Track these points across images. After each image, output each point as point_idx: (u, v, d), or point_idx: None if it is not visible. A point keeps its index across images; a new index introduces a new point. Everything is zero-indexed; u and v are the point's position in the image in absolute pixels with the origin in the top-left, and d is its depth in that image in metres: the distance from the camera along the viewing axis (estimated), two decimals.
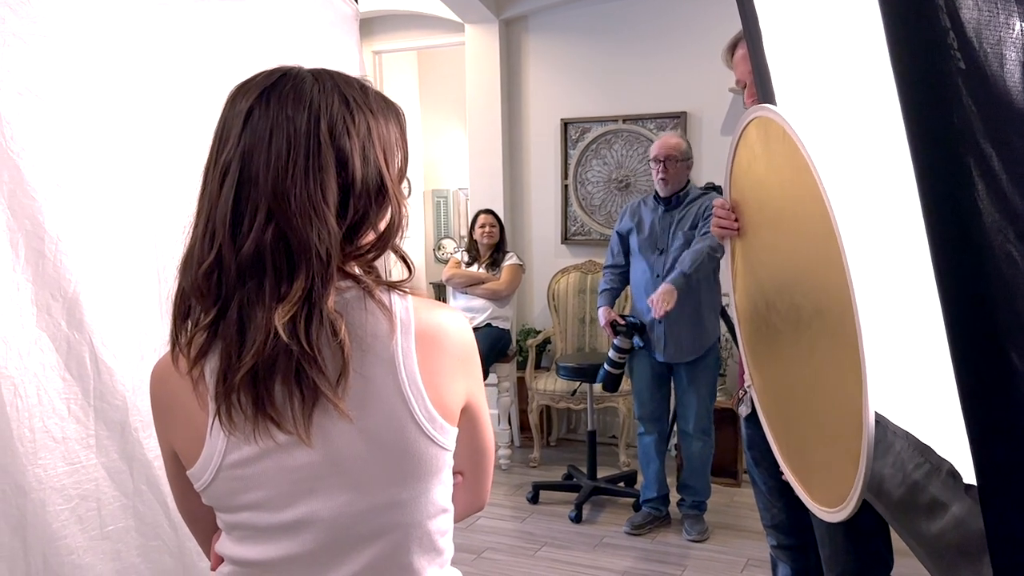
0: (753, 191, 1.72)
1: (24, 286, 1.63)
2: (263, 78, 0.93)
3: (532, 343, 4.71)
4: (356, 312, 0.91)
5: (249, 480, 0.92)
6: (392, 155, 0.95)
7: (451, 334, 0.98)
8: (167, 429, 0.99)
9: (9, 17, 1.60)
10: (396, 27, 5.43)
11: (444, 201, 7.02)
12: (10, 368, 1.59)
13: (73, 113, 1.69)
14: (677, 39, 4.51)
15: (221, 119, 0.93)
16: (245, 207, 0.88)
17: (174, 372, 0.93)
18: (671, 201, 3.53)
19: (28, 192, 1.63)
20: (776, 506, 2.10)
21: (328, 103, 0.91)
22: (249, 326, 0.87)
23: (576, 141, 4.86)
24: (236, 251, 0.87)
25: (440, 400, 0.94)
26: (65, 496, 1.67)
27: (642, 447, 3.78)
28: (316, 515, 0.93)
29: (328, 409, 0.89)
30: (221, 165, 0.90)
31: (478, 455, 1.09)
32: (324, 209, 0.88)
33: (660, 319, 3.36)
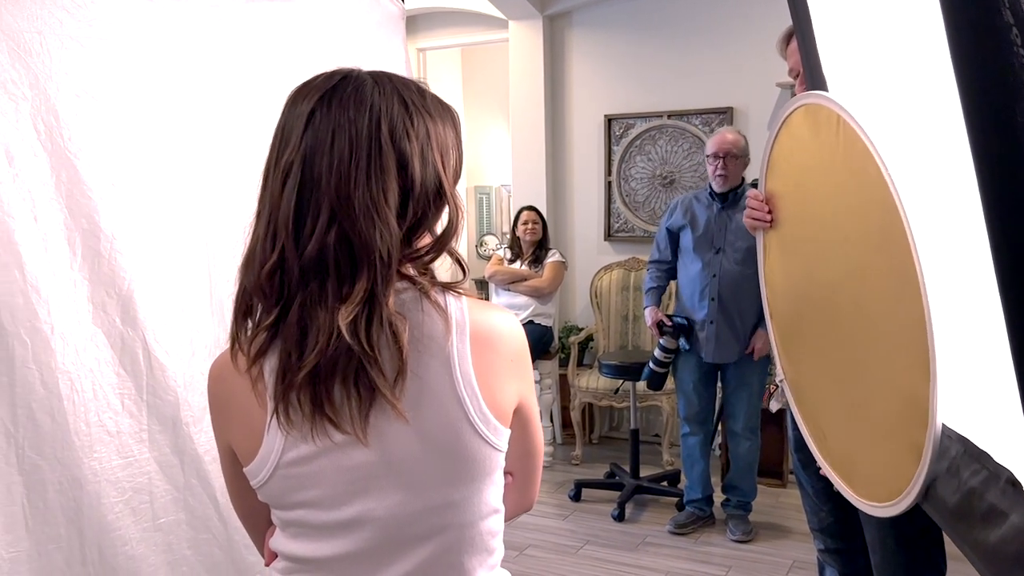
0: (795, 181, 1.69)
1: (81, 283, 1.67)
2: (323, 80, 0.93)
3: (574, 340, 4.70)
4: (413, 313, 0.92)
5: (305, 478, 0.93)
6: (448, 157, 0.96)
7: (504, 335, 0.98)
8: (224, 426, 1.00)
9: (67, 20, 1.64)
10: (440, 24, 5.45)
11: (487, 198, 7.03)
12: (67, 363, 1.64)
13: (128, 114, 1.73)
14: (723, 33, 4.46)
15: (281, 120, 0.94)
16: (308, 208, 0.89)
17: (233, 370, 0.95)
18: (727, 198, 3.45)
19: (85, 192, 1.67)
20: (824, 509, 2.06)
21: (388, 106, 0.91)
22: (311, 326, 0.88)
23: (620, 137, 4.83)
24: (299, 252, 0.88)
25: (494, 401, 0.95)
26: (119, 489, 1.71)
27: (686, 448, 3.73)
28: (370, 514, 0.93)
29: (384, 409, 0.90)
30: (283, 166, 0.90)
31: (528, 456, 1.09)
32: (386, 211, 0.89)
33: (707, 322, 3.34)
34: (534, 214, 4.63)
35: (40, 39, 1.61)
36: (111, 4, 1.69)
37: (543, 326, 4.53)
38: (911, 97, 1.26)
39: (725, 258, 3.42)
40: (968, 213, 1.04)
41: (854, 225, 1.38)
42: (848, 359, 1.46)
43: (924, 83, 1.13)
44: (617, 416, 5.02)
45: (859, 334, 1.39)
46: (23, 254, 1.58)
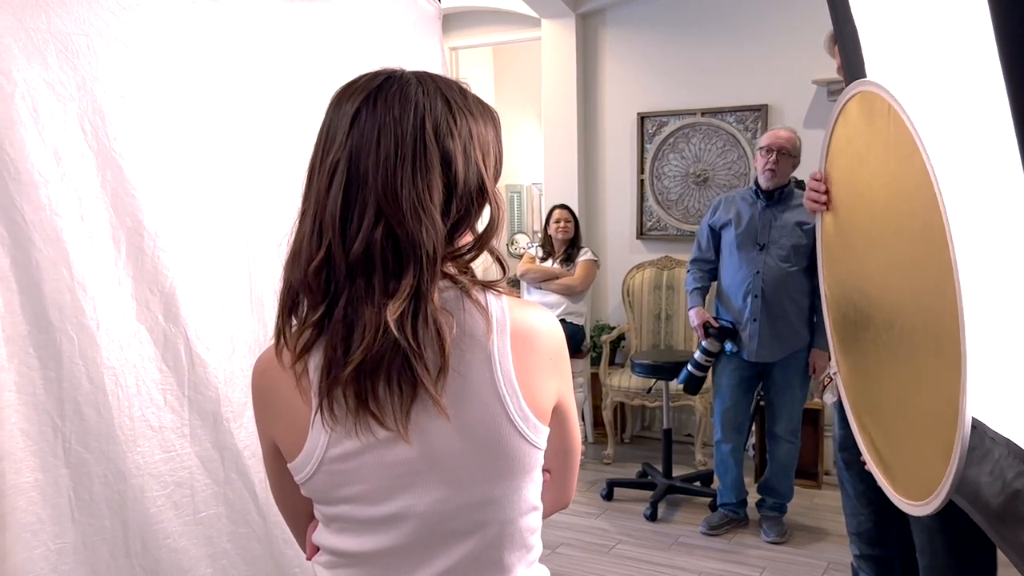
0: (852, 170, 1.67)
1: (125, 281, 1.70)
2: (368, 80, 0.94)
3: (606, 339, 4.69)
4: (455, 311, 0.92)
5: (349, 474, 0.94)
6: (489, 156, 0.97)
7: (544, 334, 0.98)
8: (268, 422, 1.02)
9: (113, 22, 1.67)
10: (472, 23, 5.46)
11: (518, 196, 7.04)
12: (112, 359, 1.67)
13: (172, 114, 1.76)
14: (758, 30, 4.42)
15: (326, 120, 0.95)
16: (354, 206, 0.89)
17: (278, 366, 0.96)
18: (773, 196, 3.40)
19: (129, 190, 1.70)
20: (863, 513, 2.04)
21: (432, 105, 0.92)
22: (357, 322, 0.89)
23: (653, 135, 4.81)
24: (345, 249, 0.89)
25: (533, 399, 0.95)
26: (161, 482, 1.75)
27: (720, 455, 3.68)
28: (412, 509, 0.94)
29: (426, 406, 0.91)
30: (328, 165, 0.91)
31: (566, 453, 1.10)
32: (431, 208, 0.90)
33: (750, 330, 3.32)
34: (566, 212, 4.63)
35: (87, 41, 1.64)
36: (156, 6, 1.72)
37: (575, 325, 4.52)
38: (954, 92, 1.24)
39: (769, 255, 3.37)
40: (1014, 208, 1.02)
41: (902, 217, 1.36)
42: (893, 355, 1.44)
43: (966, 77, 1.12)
44: (649, 415, 5.00)
45: (903, 330, 1.38)
46: (70, 252, 1.61)
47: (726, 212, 3.53)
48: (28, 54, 1.57)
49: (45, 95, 1.59)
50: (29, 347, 1.58)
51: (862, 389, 1.65)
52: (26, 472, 1.57)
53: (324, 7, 2.00)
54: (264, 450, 1.06)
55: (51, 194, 1.59)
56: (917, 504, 1.30)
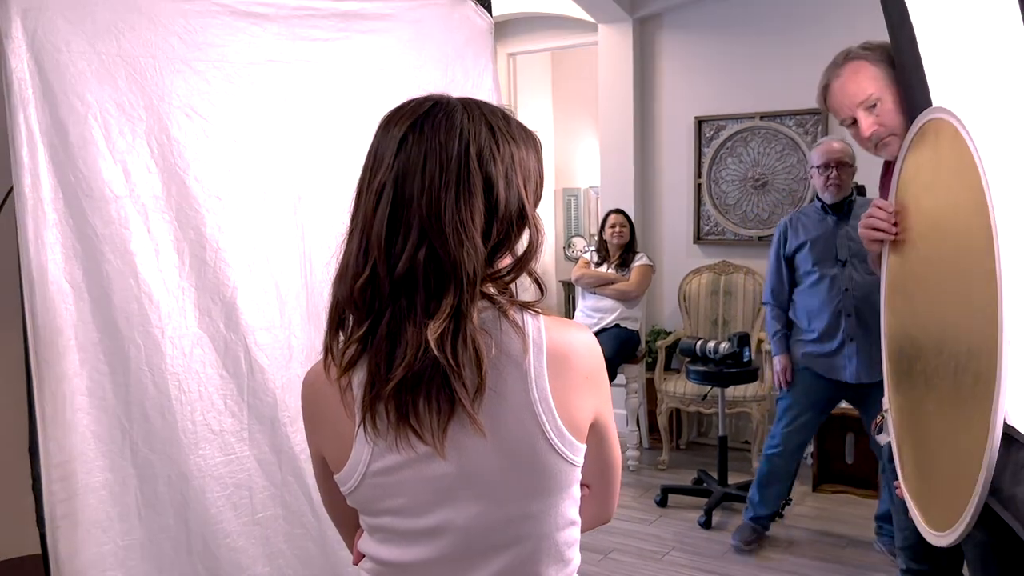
0: (918, 198, 1.64)
1: (188, 290, 1.79)
2: (415, 106, 0.98)
3: (662, 344, 4.67)
4: (492, 331, 0.95)
5: (391, 487, 0.98)
6: (530, 182, 1.00)
7: (581, 353, 1.01)
8: (316, 434, 1.06)
9: (178, 45, 1.76)
10: (529, 29, 5.50)
11: (574, 199, 7.05)
12: (175, 366, 1.76)
13: (233, 133, 1.84)
14: (816, 31, 4.35)
15: (374, 143, 0.99)
16: (399, 227, 0.93)
17: (325, 380, 1.00)
18: (842, 208, 3.29)
19: (193, 205, 1.78)
20: (909, 527, 2.02)
21: (476, 131, 0.96)
22: (400, 340, 0.92)
23: (711, 139, 4.77)
24: (390, 268, 0.93)
25: (570, 417, 0.98)
26: (222, 484, 1.83)
27: (769, 465, 3.52)
28: (452, 523, 0.98)
29: (463, 424, 0.94)
30: (376, 187, 0.95)
31: (606, 469, 1.12)
32: (473, 231, 0.93)
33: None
34: (621, 217, 4.63)
35: (154, 63, 1.73)
36: (219, 30, 1.80)
37: (629, 330, 4.52)
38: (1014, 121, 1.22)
39: (854, 270, 3.22)
40: None
41: (959, 244, 1.34)
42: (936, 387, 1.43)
43: None
44: (705, 422, 4.96)
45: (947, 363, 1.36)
46: (138, 264, 1.70)
47: (795, 235, 3.40)
48: (100, 77, 1.66)
49: (115, 115, 1.68)
50: (100, 354, 1.68)
51: (907, 422, 1.64)
52: (96, 472, 1.67)
53: (380, 27, 2.06)
54: (314, 461, 1.10)
55: (120, 209, 1.69)
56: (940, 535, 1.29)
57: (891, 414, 1.75)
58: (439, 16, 2.15)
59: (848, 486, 4.07)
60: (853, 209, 3.29)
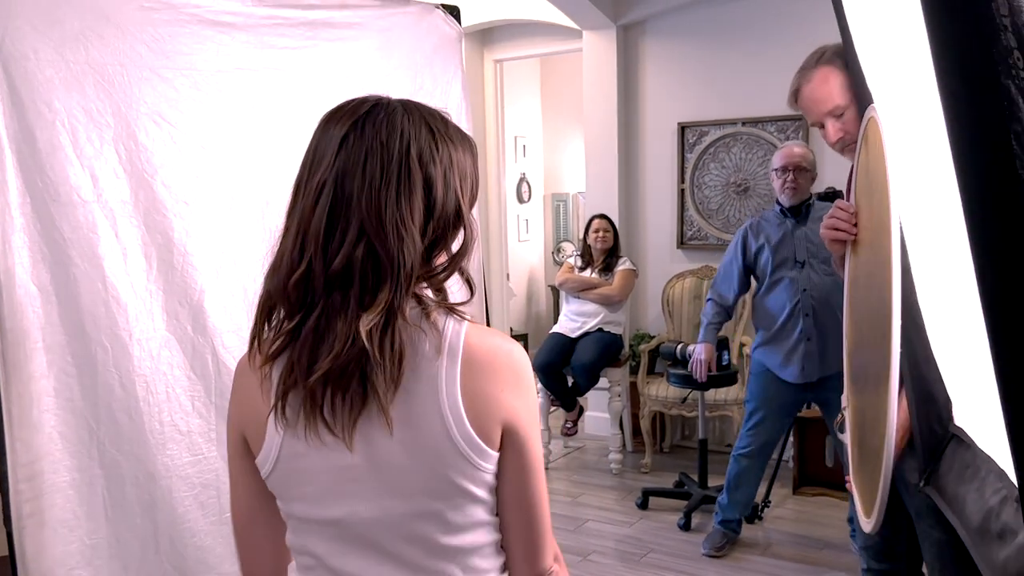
0: (860, 198, 1.69)
1: (156, 294, 1.82)
2: (355, 106, 1.01)
3: (645, 348, 4.70)
4: (413, 331, 0.98)
5: (299, 474, 1.02)
6: (466, 183, 1.03)
7: (500, 360, 1.02)
8: (241, 417, 1.08)
9: (146, 54, 1.80)
10: (516, 36, 5.54)
11: (563, 205, 7.09)
12: (143, 367, 1.79)
13: (200, 138, 1.87)
14: (797, 39, 4.37)
15: (313, 141, 1.02)
16: (337, 223, 0.96)
17: (249, 368, 1.03)
18: (800, 211, 3.37)
19: (160, 210, 1.82)
20: None
21: (417, 132, 0.99)
22: (327, 334, 0.95)
23: (693, 145, 4.82)
24: (326, 263, 0.95)
25: (480, 423, 0.99)
26: (189, 484, 1.86)
27: (737, 468, 3.56)
28: (356, 515, 1.01)
29: (372, 418, 0.97)
30: (315, 184, 0.97)
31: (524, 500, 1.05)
32: (412, 228, 0.96)
33: None
34: (605, 222, 4.66)
35: (122, 71, 1.77)
36: (187, 39, 1.84)
37: (612, 334, 4.55)
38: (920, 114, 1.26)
39: (812, 271, 3.31)
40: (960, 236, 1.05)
41: (881, 243, 1.39)
42: (869, 381, 1.47)
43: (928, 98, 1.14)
44: (688, 425, 4.99)
45: (873, 356, 1.41)
46: (105, 267, 1.74)
47: (756, 240, 3.47)
48: (68, 84, 1.70)
49: (83, 122, 1.72)
50: (67, 356, 1.71)
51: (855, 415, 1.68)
52: (63, 472, 1.70)
53: (349, 35, 2.10)
54: (229, 443, 1.10)
55: (88, 214, 1.72)
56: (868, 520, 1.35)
57: (848, 412, 1.79)
58: (408, 24, 2.19)
59: (828, 489, 4.10)
60: (811, 212, 3.36)
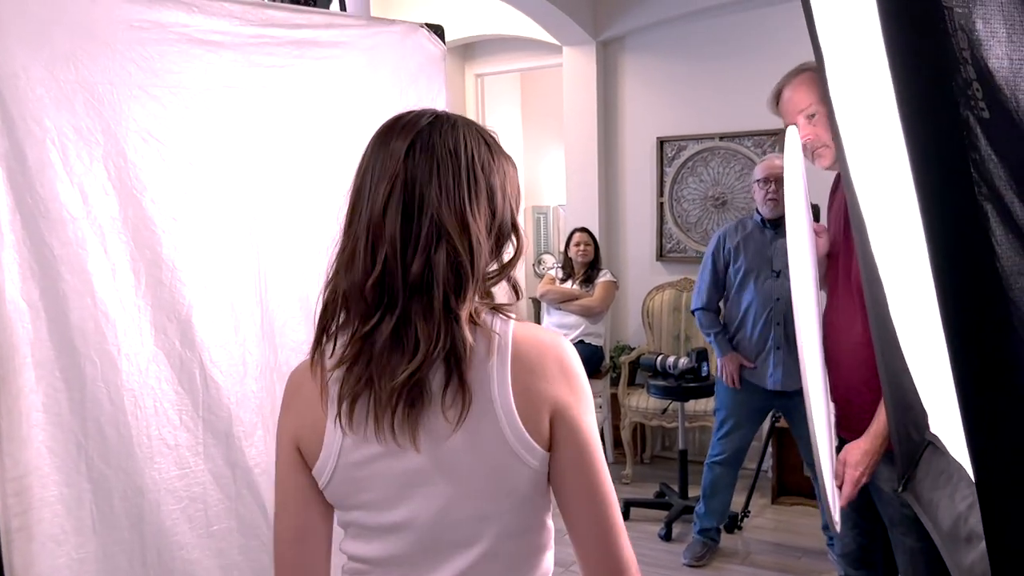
0: None
1: (144, 309, 1.84)
2: (415, 118, 1.04)
3: (625, 360, 4.75)
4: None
5: (362, 481, 1.03)
6: (515, 194, 1.07)
7: (547, 355, 1.03)
8: (295, 423, 1.07)
9: (135, 72, 1.82)
10: (497, 50, 5.60)
11: (544, 217, 7.15)
12: (131, 382, 1.81)
13: (189, 156, 1.90)
14: (774, 55, 4.46)
15: (370, 153, 1.03)
16: (412, 228, 0.98)
17: (309, 373, 1.04)
18: (779, 223, 3.41)
19: (149, 226, 1.84)
20: (848, 536, 2.10)
21: (478, 144, 1.03)
22: (405, 338, 0.97)
23: (672, 159, 4.89)
24: (404, 267, 0.97)
25: (531, 420, 1.01)
26: (176, 497, 1.87)
27: (712, 475, 3.61)
28: (416, 519, 1.02)
29: (434, 420, 0.99)
30: (383, 192, 0.99)
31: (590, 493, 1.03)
32: (484, 234, 1.00)
33: None
34: (586, 236, 4.72)
35: (112, 89, 1.79)
36: (176, 57, 1.86)
37: (593, 346, 4.60)
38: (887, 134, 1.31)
39: (787, 280, 3.35)
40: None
41: None
42: None
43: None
44: (669, 436, 5.04)
45: None
46: (94, 283, 1.75)
47: (732, 245, 3.52)
48: (58, 102, 1.72)
49: (73, 139, 1.73)
50: (56, 371, 1.72)
51: None
52: (52, 486, 1.71)
53: (335, 53, 2.13)
54: (282, 455, 1.09)
55: (77, 230, 1.74)
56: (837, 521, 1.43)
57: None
58: (392, 43, 2.23)
59: (805, 498, 4.16)
60: None
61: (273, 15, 2.01)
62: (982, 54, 0.90)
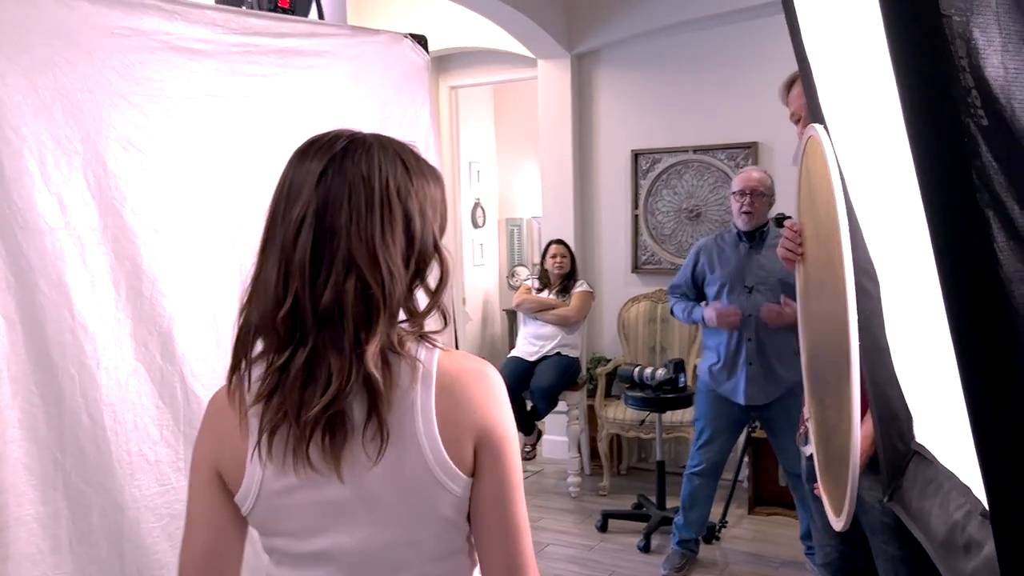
0: (807, 217, 1.76)
1: (124, 321, 1.80)
2: (331, 140, 1.01)
3: (602, 371, 4.76)
4: (390, 361, 0.99)
5: (285, 509, 1.01)
6: (437, 216, 1.05)
7: (472, 383, 1.03)
8: (217, 451, 1.06)
9: (116, 80, 1.79)
10: (472, 63, 5.61)
11: (517, 229, 7.15)
12: (111, 397, 1.76)
13: (170, 166, 1.86)
14: (748, 69, 4.53)
15: (288, 174, 1.01)
16: (323, 257, 0.96)
17: (226, 404, 1.03)
18: (755, 237, 3.42)
19: (129, 237, 1.80)
20: (830, 544, 2.10)
21: (394, 167, 1.00)
22: (318, 370, 0.95)
23: (647, 171, 4.92)
24: (315, 298, 0.95)
25: (455, 448, 1.00)
26: (157, 515, 1.82)
27: (690, 487, 3.60)
28: (340, 547, 1.01)
29: (356, 450, 0.98)
30: (295, 217, 0.97)
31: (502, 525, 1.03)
32: (399, 261, 0.98)
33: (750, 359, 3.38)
34: (562, 248, 4.72)
35: (91, 97, 1.76)
36: (157, 65, 1.83)
37: (570, 357, 4.59)
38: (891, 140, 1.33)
39: (760, 296, 3.36)
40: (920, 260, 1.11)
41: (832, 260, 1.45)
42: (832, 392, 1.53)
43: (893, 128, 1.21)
44: (646, 447, 5.05)
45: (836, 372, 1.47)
46: (72, 295, 1.71)
47: (708, 259, 3.54)
48: (36, 110, 1.68)
49: (51, 148, 1.70)
50: (32, 385, 1.68)
51: (818, 424, 1.74)
52: (28, 505, 1.66)
53: (319, 63, 2.11)
54: (198, 481, 1.07)
55: (55, 241, 1.69)
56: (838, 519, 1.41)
57: (811, 423, 1.85)
58: (376, 53, 2.22)
59: (782, 508, 4.18)
60: (766, 238, 3.42)
61: (256, 23, 1.99)
62: (979, 62, 0.92)
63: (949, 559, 1.29)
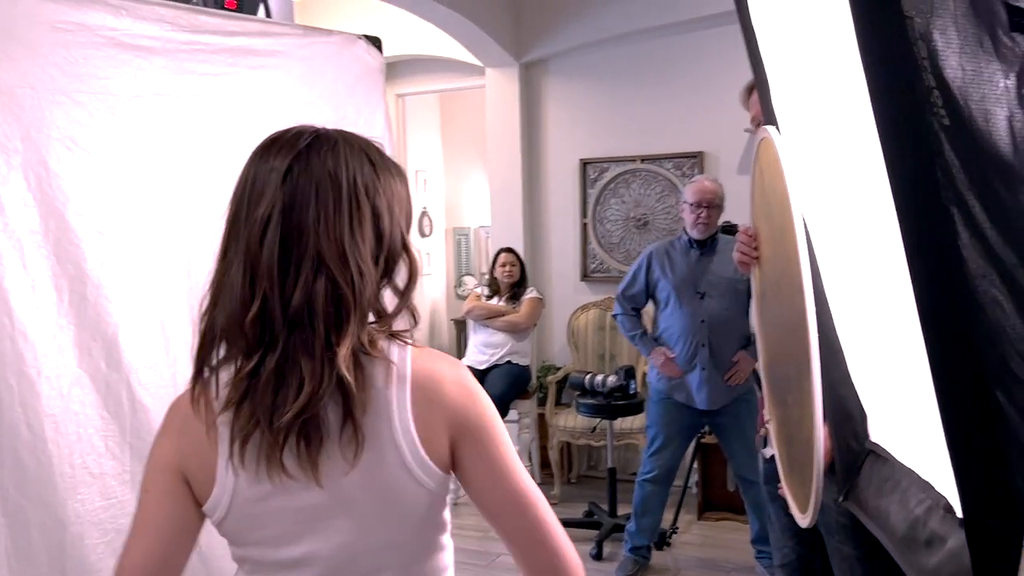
0: (762, 220, 1.79)
1: (67, 328, 1.72)
2: (294, 137, 0.98)
3: (552, 379, 4.76)
4: (360, 360, 0.96)
5: (260, 517, 0.98)
6: (403, 212, 1.02)
7: (447, 381, 1.01)
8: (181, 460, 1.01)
9: (58, 76, 1.71)
10: (419, 71, 5.57)
11: (464, 239, 7.12)
12: (52, 407, 1.68)
13: (116, 166, 1.79)
14: (694, 80, 4.61)
15: (248, 173, 0.98)
16: (291, 257, 0.93)
17: (189, 410, 0.99)
18: (706, 244, 3.48)
19: (72, 239, 1.73)
20: (787, 546, 2.12)
21: (360, 164, 0.97)
22: (290, 374, 0.92)
23: (595, 180, 4.95)
24: (284, 300, 0.92)
25: (432, 443, 0.99)
26: (102, 530, 1.74)
27: (642, 494, 3.61)
28: (316, 554, 0.99)
29: (332, 454, 0.95)
30: (259, 217, 0.94)
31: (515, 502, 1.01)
32: (368, 260, 0.95)
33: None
34: (511, 256, 4.72)
35: (32, 93, 1.68)
36: (102, 62, 1.76)
37: (520, 365, 4.58)
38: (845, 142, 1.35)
39: (712, 302, 3.42)
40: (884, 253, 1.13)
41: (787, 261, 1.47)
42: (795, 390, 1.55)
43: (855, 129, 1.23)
44: (595, 455, 5.06)
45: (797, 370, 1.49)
46: (11, 300, 1.63)
47: (660, 265, 3.57)
48: None
49: None
50: None
51: (780, 425, 1.75)
52: None
53: (271, 63, 2.06)
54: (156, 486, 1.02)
55: None
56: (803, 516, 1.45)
57: (772, 425, 1.86)
58: (330, 54, 2.18)
59: (731, 513, 4.23)
60: (716, 245, 3.48)
61: (206, 21, 1.94)
62: (940, 63, 0.94)
63: (910, 555, 1.31)
